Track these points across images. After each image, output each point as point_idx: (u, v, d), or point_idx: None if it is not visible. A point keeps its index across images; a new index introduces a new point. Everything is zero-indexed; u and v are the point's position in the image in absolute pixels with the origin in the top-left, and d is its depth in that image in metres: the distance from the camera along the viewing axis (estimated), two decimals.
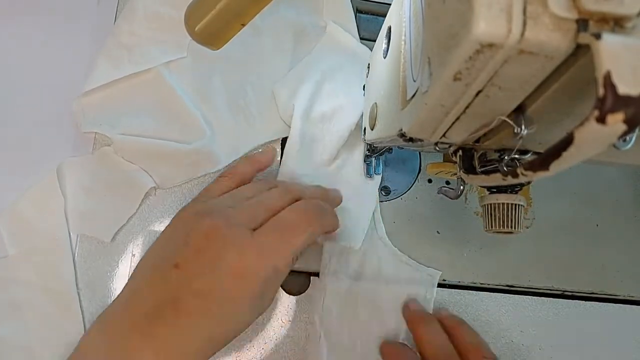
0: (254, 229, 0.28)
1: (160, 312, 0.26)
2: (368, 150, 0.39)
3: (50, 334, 0.34)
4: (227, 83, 0.41)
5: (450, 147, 0.25)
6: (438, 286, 0.39)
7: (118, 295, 0.30)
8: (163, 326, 0.26)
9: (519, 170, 0.18)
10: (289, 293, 0.37)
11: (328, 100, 0.40)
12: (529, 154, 0.23)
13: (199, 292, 0.26)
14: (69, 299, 0.34)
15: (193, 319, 0.26)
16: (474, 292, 0.39)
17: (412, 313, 0.36)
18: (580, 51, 0.15)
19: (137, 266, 0.31)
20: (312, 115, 0.39)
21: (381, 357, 0.35)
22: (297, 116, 0.39)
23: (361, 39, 0.43)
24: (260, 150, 0.40)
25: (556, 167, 0.16)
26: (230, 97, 0.40)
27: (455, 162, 0.26)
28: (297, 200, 0.31)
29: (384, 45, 0.30)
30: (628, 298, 0.41)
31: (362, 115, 0.38)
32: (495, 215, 0.29)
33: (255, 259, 0.27)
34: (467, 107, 0.19)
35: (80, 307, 0.35)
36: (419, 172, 0.41)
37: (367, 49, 0.42)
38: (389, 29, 0.30)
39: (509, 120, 0.19)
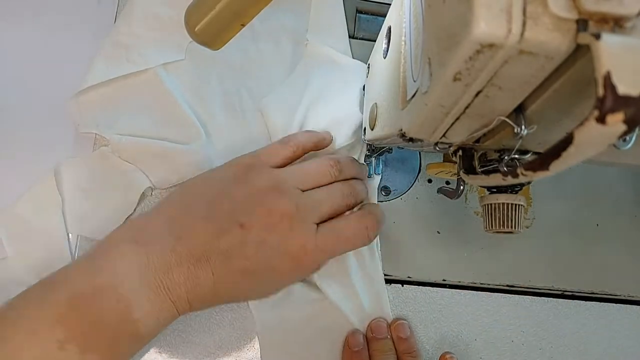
0: (317, 224, 0.31)
1: (207, 259, 0.28)
2: (368, 150, 0.39)
3: None
4: (224, 87, 0.41)
5: (450, 147, 0.25)
6: (439, 286, 0.39)
7: (158, 206, 0.31)
8: (205, 271, 0.28)
9: (519, 170, 0.18)
10: None
11: (322, 119, 0.39)
12: (529, 154, 0.23)
13: (253, 261, 0.29)
14: None
15: (236, 278, 0.29)
16: (474, 292, 0.39)
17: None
18: (580, 51, 0.15)
19: (186, 187, 0.32)
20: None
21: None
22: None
23: (361, 39, 0.43)
24: None
25: (556, 167, 0.16)
26: (226, 101, 0.40)
27: (455, 162, 0.26)
28: (359, 201, 0.34)
29: (384, 45, 0.30)
30: (628, 298, 0.41)
31: (362, 121, 0.38)
32: (495, 215, 0.29)
33: (312, 256, 0.30)
34: (467, 107, 0.19)
35: None
36: (419, 172, 0.41)
37: (352, 59, 0.41)
38: (389, 29, 0.30)
39: (508, 121, 0.19)
